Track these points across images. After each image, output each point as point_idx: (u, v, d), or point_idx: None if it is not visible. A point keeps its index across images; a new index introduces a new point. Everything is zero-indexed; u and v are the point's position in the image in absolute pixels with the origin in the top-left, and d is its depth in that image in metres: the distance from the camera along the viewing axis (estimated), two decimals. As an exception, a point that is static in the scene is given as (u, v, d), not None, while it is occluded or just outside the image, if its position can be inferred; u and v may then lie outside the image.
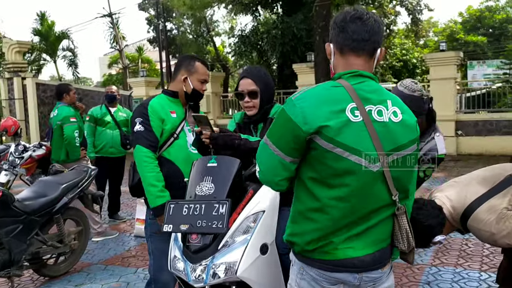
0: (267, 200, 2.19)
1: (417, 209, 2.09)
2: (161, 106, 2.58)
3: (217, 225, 1.98)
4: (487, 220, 2.20)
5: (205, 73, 2.67)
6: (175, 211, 2.10)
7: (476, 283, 3.79)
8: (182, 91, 2.64)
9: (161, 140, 2.56)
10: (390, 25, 22.51)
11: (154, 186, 2.47)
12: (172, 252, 2.18)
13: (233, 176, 2.14)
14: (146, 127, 2.51)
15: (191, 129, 2.65)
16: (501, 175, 2.33)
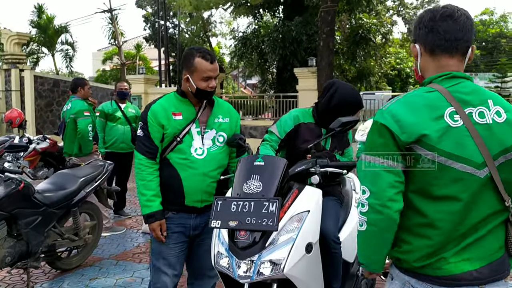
0: (312, 200, 2.24)
1: None
2: (163, 109, 2.46)
3: (267, 222, 2.02)
4: None
5: (207, 68, 2.40)
6: (223, 208, 2.13)
7: None
8: (189, 91, 2.49)
9: (164, 144, 2.48)
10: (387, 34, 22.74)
11: (142, 194, 2.46)
12: (216, 248, 2.21)
13: (280, 175, 2.18)
14: (145, 133, 2.46)
15: (201, 132, 2.50)
16: None
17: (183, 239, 2.57)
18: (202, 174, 2.47)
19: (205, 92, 2.45)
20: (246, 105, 15.96)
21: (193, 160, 2.46)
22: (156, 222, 2.46)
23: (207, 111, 2.56)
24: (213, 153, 2.52)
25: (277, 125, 2.80)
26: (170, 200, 2.50)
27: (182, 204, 2.50)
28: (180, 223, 2.54)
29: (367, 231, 1.53)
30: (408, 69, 28.98)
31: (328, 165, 2.36)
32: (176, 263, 2.56)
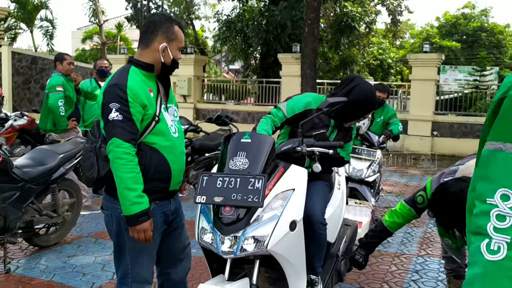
0: (297, 178, 2.25)
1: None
2: (140, 87, 2.14)
3: (253, 199, 2.02)
4: None
5: (183, 39, 2.28)
6: (209, 183, 2.12)
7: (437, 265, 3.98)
8: (159, 62, 2.20)
9: (142, 126, 2.16)
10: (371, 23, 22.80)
11: (132, 190, 2.08)
12: (200, 224, 2.21)
13: (267, 153, 2.18)
14: (125, 115, 2.07)
15: (165, 108, 2.28)
16: None
17: (164, 227, 2.38)
18: (181, 153, 2.35)
19: (177, 63, 2.28)
20: (229, 90, 15.87)
21: (173, 140, 2.27)
22: (149, 220, 2.14)
23: (161, 86, 2.31)
24: (180, 129, 2.40)
25: (288, 103, 2.68)
26: (155, 189, 2.23)
27: (166, 190, 2.31)
28: (162, 212, 2.31)
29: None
30: (390, 60, 29.22)
31: (314, 144, 2.37)
32: (155, 253, 2.39)
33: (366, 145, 5.08)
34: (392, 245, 4.69)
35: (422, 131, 11.69)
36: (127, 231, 2.21)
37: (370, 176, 4.93)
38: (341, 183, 3.12)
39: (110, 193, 2.26)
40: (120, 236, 2.28)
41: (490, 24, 34.19)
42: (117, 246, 2.34)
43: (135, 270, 2.31)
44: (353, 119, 2.67)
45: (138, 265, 2.31)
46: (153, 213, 2.23)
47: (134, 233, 2.14)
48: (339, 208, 2.94)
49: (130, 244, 2.26)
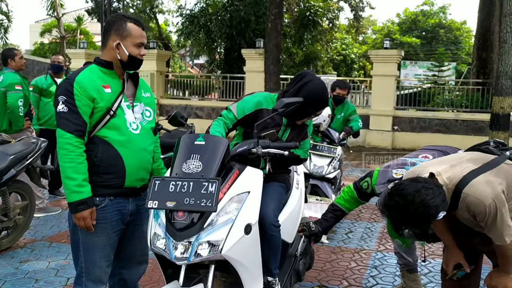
0: (252, 181, 2.22)
1: (425, 189, 2.12)
2: (91, 81, 2.22)
3: (206, 203, 1.97)
4: (484, 191, 2.18)
5: (140, 35, 2.29)
6: (161, 188, 2.06)
7: (418, 268, 4.06)
8: (117, 60, 2.27)
9: (93, 119, 2.23)
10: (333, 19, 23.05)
11: (71, 179, 2.17)
12: (152, 229, 2.14)
13: (221, 155, 2.14)
14: (70, 107, 2.16)
15: (130, 105, 2.33)
16: (485, 158, 2.44)
17: (121, 226, 2.39)
18: (142, 149, 2.34)
19: (136, 59, 2.30)
20: (192, 85, 15.70)
21: (130, 135, 2.30)
22: (88, 209, 2.21)
23: (130, 85, 2.39)
24: (146, 127, 2.40)
25: (238, 104, 2.65)
26: (108, 183, 2.29)
27: (121, 186, 2.32)
28: (117, 210, 2.34)
29: None
30: (353, 55, 29.63)
31: (270, 146, 2.34)
32: (110, 253, 2.39)
33: (326, 142, 5.10)
34: (352, 241, 4.75)
35: (383, 126, 11.92)
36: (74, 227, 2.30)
37: (331, 172, 4.96)
38: (300, 181, 3.11)
39: None
40: (75, 232, 2.33)
41: (448, 21, 35.24)
42: (72, 242, 2.39)
43: (89, 269, 2.33)
44: (304, 116, 2.61)
45: (92, 264, 2.32)
46: (106, 209, 2.30)
47: (75, 220, 2.24)
48: (297, 207, 2.93)
49: (83, 239, 2.32)
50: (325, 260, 4.20)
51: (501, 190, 2.23)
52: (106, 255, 2.37)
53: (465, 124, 11.56)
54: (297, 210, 2.93)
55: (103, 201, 2.31)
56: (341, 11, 25.08)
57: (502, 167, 2.38)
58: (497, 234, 2.28)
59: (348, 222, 5.42)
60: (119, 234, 2.42)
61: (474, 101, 12.01)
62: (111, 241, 2.37)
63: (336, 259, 4.23)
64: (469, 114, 11.64)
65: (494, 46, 12.65)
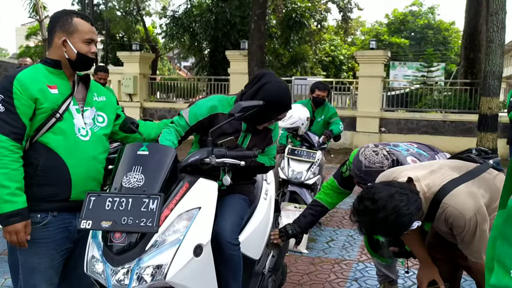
0: (204, 195, 1.97)
1: (399, 194, 1.92)
2: (34, 80, 2.00)
3: (146, 223, 1.72)
4: (466, 203, 1.98)
5: (89, 30, 2.09)
6: (96, 205, 1.80)
7: (401, 280, 3.84)
8: (65, 58, 2.07)
9: (36, 122, 2.01)
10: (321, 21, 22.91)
11: (3, 187, 1.92)
12: (90, 252, 1.88)
13: (167, 167, 1.89)
14: (7, 107, 1.95)
15: (80, 109, 2.11)
16: (468, 166, 2.23)
17: (67, 245, 2.14)
18: (91, 158, 2.10)
19: (86, 58, 2.10)
20: (178, 88, 15.42)
21: (78, 142, 2.07)
22: (22, 222, 1.96)
23: (82, 88, 2.18)
24: (97, 133, 2.17)
25: (191, 109, 2.38)
26: (50, 196, 2.05)
27: (66, 199, 2.07)
28: (62, 227, 2.10)
29: None
30: (342, 56, 29.53)
31: (225, 155, 2.08)
32: (53, 275, 2.14)
33: (306, 146, 4.87)
34: (333, 250, 4.51)
35: (370, 128, 11.73)
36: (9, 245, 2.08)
37: (310, 178, 4.73)
38: (269, 191, 2.86)
39: None
40: (13, 251, 2.10)
41: (437, 22, 35.33)
42: (11, 262, 2.15)
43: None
44: (265, 121, 2.34)
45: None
46: (49, 226, 2.07)
47: (5, 235, 1.97)
48: (264, 221, 2.68)
49: (23, 260, 2.09)
50: (303, 273, 3.95)
51: (484, 203, 2.01)
52: (49, 279, 2.12)
53: (453, 125, 11.41)
54: (265, 222, 2.68)
55: (45, 217, 2.07)
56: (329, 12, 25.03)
57: (484, 177, 2.16)
58: (473, 250, 2.06)
59: (330, 229, 5.18)
60: (65, 255, 2.17)
61: (462, 101, 11.87)
62: (54, 263, 2.12)
63: (314, 271, 3.99)
64: (457, 115, 11.49)
65: (481, 46, 12.53)
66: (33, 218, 2.06)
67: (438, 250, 2.42)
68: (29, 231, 2.01)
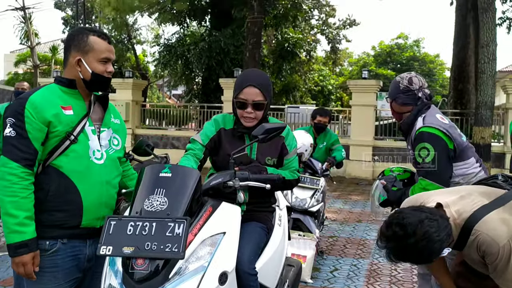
0: (229, 220, 1.88)
1: (429, 220, 1.85)
2: (48, 102, 1.92)
3: (171, 248, 1.63)
4: (499, 229, 1.90)
5: (106, 49, 2.01)
6: (117, 230, 1.70)
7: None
8: (79, 78, 1.99)
9: (49, 146, 1.92)
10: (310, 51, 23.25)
11: (11, 216, 1.83)
12: (107, 280, 1.77)
13: (191, 189, 1.80)
14: (18, 131, 1.86)
15: (96, 130, 2.04)
16: (497, 192, 2.17)
17: (76, 275, 2.03)
18: (104, 182, 2.01)
19: (102, 77, 2.01)
20: (169, 115, 15.36)
21: (92, 166, 1.98)
22: (29, 253, 1.86)
23: (98, 108, 2.11)
24: (112, 156, 2.09)
25: (200, 133, 2.37)
26: (61, 223, 1.94)
27: (77, 226, 1.96)
28: (72, 255, 1.99)
29: None
30: (330, 86, 29.92)
31: (249, 178, 2.01)
32: None
33: (309, 173, 4.80)
34: (338, 280, 4.39)
35: (363, 156, 11.74)
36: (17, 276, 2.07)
37: (314, 206, 4.65)
38: (282, 217, 2.77)
39: None
40: (20, 280, 2.06)
41: (422, 54, 36.11)
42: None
43: None
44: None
45: None
46: (58, 254, 1.96)
47: (13, 266, 1.89)
48: (279, 248, 2.58)
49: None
50: (310, 303, 3.82)
51: None
52: None
53: (445, 154, 11.46)
54: (280, 250, 2.59)
55: (54, 244, 1.97)
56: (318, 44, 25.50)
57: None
58: (508, 280, 1.98)
59: (332, 258, 5.07)
60: (74, 285, 2.05)
61: (453, 131, 11.97)
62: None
63: (321, 302, 3.86)
64: (449, 144, 11.56)
65: (470, 77, 12.78)
66: (41, 245, 1.96)
67: (464, 278, 2.34)
68: (37, 262, 1.91)
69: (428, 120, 2.68)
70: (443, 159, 2.60)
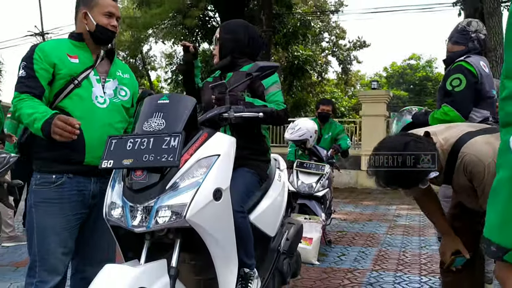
0: (223, 145, 1.98)
1: (414, 142, 1.94)
2: (55, 48, 2.13)
3: (167, 158, 1.73)
4: (484, 149, 1.94)
5: (109, 4, 2.20)
6: (117, 146, 1.81)
7: (417, 284, 3.73)
8: (86, 31, 2.18)
9: (55, 87, 2.10)
10: (322, 72, 23.50)
11: (30, 114, 1.98)
12: (109, 199, 1.87)
13: (187, 113, 1.91)
14: (28, 71, 2.07)
15: (100, 80, 2.19)
16: (485, 126, 2.22)
17: (81, 210, 2.15)
18: (107, 124, 2.14)
19: (106, 30, 2.19)
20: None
21: (94, 108, 2.13)
22: (60, 115, 1.95)
23: (106, 63, 2.27)
24: (117, 103, 2.22)
25: None
26: (66, 159, 2.09)
27: (80, 162, 2.10)
28: (77, 189, 2.13)
29: None
30: (343, 108, 30.06)
31: (244, 110, 2.12)
32: (68, 238, 2.13)
33: (314, 160, 4.89)
34: (345, 262, 4.41)
35: (375, 166, 11.70)
36: (36, 207, 2.11)
37: (319, 191, 4.71)
38: (282, 176, 2.86)
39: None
40: (30, 213, 2.13)
41: (435, 74, 36.18)
42: (27, 225, 2.19)
43: (42, 256, 2.09)
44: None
45: (46, 251, 2.09)
46: (64, 186, 2.11)
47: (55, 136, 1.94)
48: (278, 200, 2.66)
49: (37, 220, 2.11)
50: (316, 279, 3.85)
51: None
52: (63, 241, 2.12)
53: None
54: (279, 202, 2.67)
55: (60, 178, 2.11)
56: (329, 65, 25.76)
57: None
58: None
59: (340, 247, 5.09)
60: (80, 220, 2.18)
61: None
62: (69, 225, 2.13)
63: (327, 278, 3.88)
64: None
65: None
66: (48, 178, 2.11)
67: (459, 220, 2.38)
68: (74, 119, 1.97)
69: (470, 59, 2.79)
70: (470, 94, 2.71)
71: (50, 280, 2.08)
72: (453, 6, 13.47)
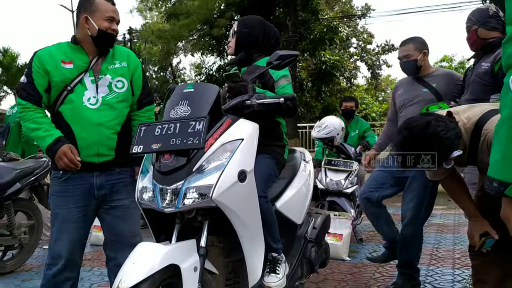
0: (246, 130, 2.06)
1: (436, 120, 1.95)
2: (50, 56, 2.29)
3: (193, 141, 1.83)
4: None
5: (109, 9, 2.32)
6: (146, 133, 1.93)
7: (450, 276, 3.69)
8: (87, 36, 2.31)
9: (52, 95, 2.30)
10: (351, 78, 23.31)
11: (37, 129, 2.25)
12: (140, 184, 1.98)
13: (212, 100, 2.01)
14: (29, 79, 2.28)
15: (95, 80, 2.32)
16: None
17: (85, 202, 2.35)
18: (96, 124, 2.29)
19: (106, 34, 2.32)
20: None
21: (84, 109, 2.29)
22: (65, 145, 2.22)
23: (102, 60, 2.38)
24: (110, 101, 2.35)
25: None
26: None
27: (79, 161, 2.28)
28: (80, 184, 2.33)
29: None
30: (374, 114, 29.67)
31: (265, 97, 2.19)
32: (73, 229, 2.32)
33: (342, 157, 4.90)
34: (376, 258, 4.38)
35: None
36: (51, 199, 2.38)
37: (348, 187, 4.72)
38: (307, 167, 2.91)
39: None
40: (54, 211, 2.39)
41: (468, 75, 35.34)
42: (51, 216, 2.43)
43: (52, 243, 2.36)
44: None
45: (54, 238, 2.34)
46: (68, 182, 2.32)
47: (58, 162, 2.23)
48: (304, 188, 2.71)
49: (53, 210, 2.37)
50: (347, 272, 3.86)
51: None
52: (67, 230, 2.31)
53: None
54: (305, 190, 2.72)
55: (65, 174, 2.32)
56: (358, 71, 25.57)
57: None
58: None
59: (372, 244, 5.06)
60: (84, 211, 2.36)
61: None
62: (73, 216, 2.33)
63: (358, 272, 3.89)
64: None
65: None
66: (56, 174, 2.36)
67: (486, 201, 2.37)
68: (75, 151, 2.24)
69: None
70: None
71: (54, 264, 2.31)
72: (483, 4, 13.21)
